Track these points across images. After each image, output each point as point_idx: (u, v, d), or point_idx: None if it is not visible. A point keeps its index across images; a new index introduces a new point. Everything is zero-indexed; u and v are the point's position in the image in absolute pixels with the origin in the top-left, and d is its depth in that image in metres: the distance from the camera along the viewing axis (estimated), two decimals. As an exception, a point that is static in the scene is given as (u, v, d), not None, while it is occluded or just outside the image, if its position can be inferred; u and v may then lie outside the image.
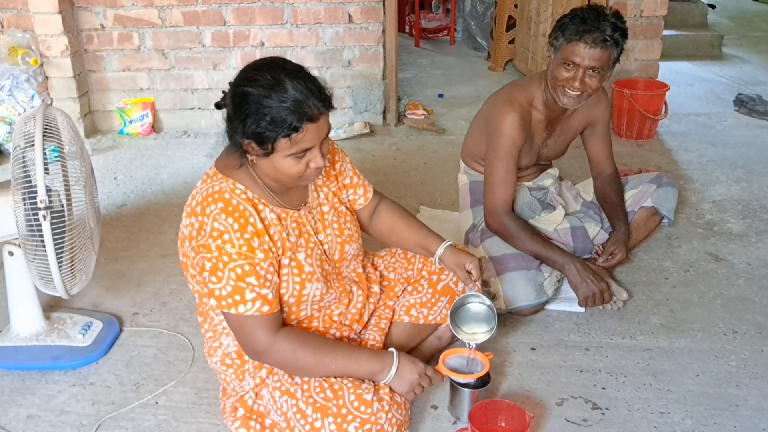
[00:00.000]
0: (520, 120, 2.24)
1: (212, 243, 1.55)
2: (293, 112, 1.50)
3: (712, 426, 1.84)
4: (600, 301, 2.22)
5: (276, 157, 1.55)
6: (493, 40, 5.36)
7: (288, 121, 1.50)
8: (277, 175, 1.61)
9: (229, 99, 1.57)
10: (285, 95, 1.50)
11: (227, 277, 1.55)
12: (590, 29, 2.08)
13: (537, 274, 2.23)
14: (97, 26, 3.84)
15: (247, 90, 1.52)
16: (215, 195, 1.59)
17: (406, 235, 1.98)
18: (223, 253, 1.55)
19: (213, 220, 1.56)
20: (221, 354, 1.77)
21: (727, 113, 4.33)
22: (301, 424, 1.61)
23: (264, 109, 1.50)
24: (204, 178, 1.67)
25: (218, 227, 1.56)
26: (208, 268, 1.56)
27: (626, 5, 3.94)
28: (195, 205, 1.61)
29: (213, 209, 1.57)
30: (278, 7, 3.83)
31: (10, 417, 1.89)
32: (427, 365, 1.73)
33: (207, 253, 1.56)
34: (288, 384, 1.66)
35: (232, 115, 1.56)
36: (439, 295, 2.02)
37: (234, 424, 1.74)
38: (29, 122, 1.82)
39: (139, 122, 3.97)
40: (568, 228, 2.41)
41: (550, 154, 2.47)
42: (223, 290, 1.56)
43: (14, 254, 1.98)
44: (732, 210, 3.06)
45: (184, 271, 1.72)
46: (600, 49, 2.09)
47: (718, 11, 7.07)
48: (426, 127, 4.03)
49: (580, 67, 2.12)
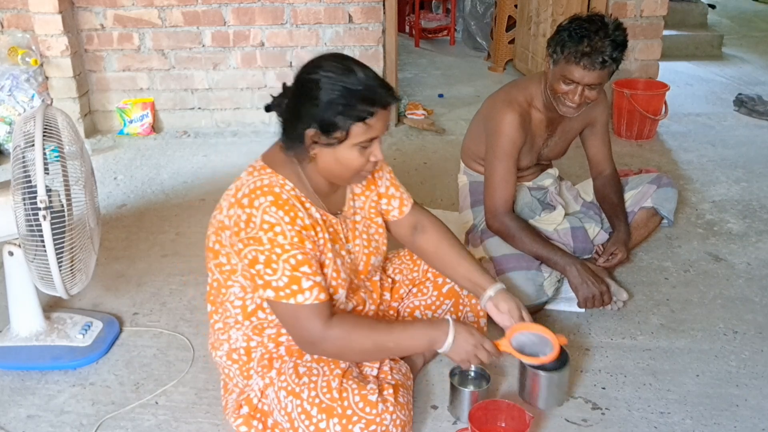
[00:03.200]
0: (520, 120, 2.24)
1: (263, 235, 1.55)
2: (367, 96, 1.51)
3: (712, 426, 1.84)
4: (600, 303, 2.21)
5: (343, 147, 1.56)
6: (493, 40, 5.36)
7: (363, 106, 1.51)
8: (336, 170, 1.61)
9: (295, 89, 1.58)
10: (357, 80, 1.52)
11: (282, 269, 1.55)
12: (587, 52, 2.04)
13: (537, 275, 2.23)
14: (97, 26, 3.84)
15: (317, 76, 1.52)
16: (264, 188, 1.59)
17: (454, 265, 1.89)
18: (275, 245, 1.54)
19: (263, 212, 1.56)
20: (227, 348, 1.77)
21: (727, 113, 4.33)
22: (306, 424, 1.60)
23: (338, 93, 1.50)
24: (250, 171, 1.66)
25: (269, 219, 1.55)
26: (262, 261, 1.55)
27: (626, 5, 3.94)
28: (241, 197, 1.60)
29: (263, 202, 1.57)
30: (278, 7, 3.83)
31: (10, 417, 1.89)
32: (485, 338, 1.70)
33: (259, 246, 1.55)
34: (294, 384, 1.66)
35: (298, 105, 1.56)
36: (444, 297, 2.03)
37: (236, 421, 1.74)
38: (29, 122, 1.82)
39: (139, 122, 3.97)
40: (569, 228, 2.41)
41: (551, 155, 2.47)
42: (280, 281, 1.56)
43: (14, 254, 1.98)
44: (732, 210, 3.06)
45: (209, 256, 1.71)
46: (599, 71, 2.07)
47: (718, 11, 7.06)
48: (426, 127, 4.03)
49: (580, 84, 2.11)
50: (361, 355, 1.66)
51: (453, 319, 1.70)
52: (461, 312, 2.07)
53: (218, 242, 1.67)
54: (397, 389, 1.70)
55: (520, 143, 2.26)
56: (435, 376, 2.02)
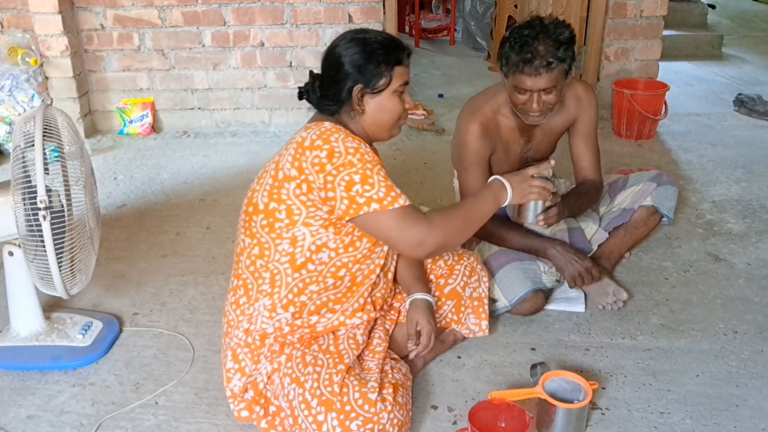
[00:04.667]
0: (481, 130, 2.22)
1: (353, 158, 1.64)
2: (393, 44, 1.75)
3: (712, 426, 1.84)
4: (589, 279, 2.22)
5: (386, 94, 1.74)
6: (493, 40, 5.36)
7: (395, 51, 1.73)
8: (383, 118, 1.77)
9: (328, 64, 1.76)
10: (376, 35, 1.75)
11: (378, 180, 1.65)
12: (529, 59, 2.01)
13: (531, 263, 2.25)
14: (97, 26, 3.84)
15: (342, 48, 1.74)
16: (332, 129, 1.69)
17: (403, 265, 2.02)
18: (366, 162, 1.65)
19: (342, 142, 1.66)
20: (244, 331, 1.77)
21: (727, 113, 4.33)
22: (305, 414, 1.63)
23: (371, 47, 1.71)
24: (306, 127, 1.75)
25: (351, 145, 1.66)
26: (358, 180, 1.64)
27: (626, 5, 3.94)
28: (312, 141, 1.67)
29: (338, 136, 1.67)
30: (278, 7, 3.83)
31: (10, 417, 1.89)
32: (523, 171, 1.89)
33: (351, 168, 1.64)
34: (299, 373, 1.69)
35: (338, 74, 1.73)
36: (446, 298, 2.04)
37: (239, 405, 1.76)
38: (29, 122, 1.82)
39: (139, 122, 3.97)
40: (565, 229, 2.41)
41: (538, 156, 2.44)
42: (380, 192, 1.64)
43: (14, 254, 1.98)
44: (732, 210, 3.06)
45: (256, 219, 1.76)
46: (546, 74, 2.04)
47: (718, 11, 7.06)
48: (426, 127, 4.03)
49: (533, 91, 2.08)
50: (459, 234, 1.78)
51: (501, 176, 1.86)
52: (462, 313, 2.08)
53: (274, 200, 1.72)
54: (397, 389, 1.72)
55: (484, 152, 2.25)
56: (435, 376, 2.02)
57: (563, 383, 1.84)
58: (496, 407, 1.76)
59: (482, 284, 2.10)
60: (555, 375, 1.85)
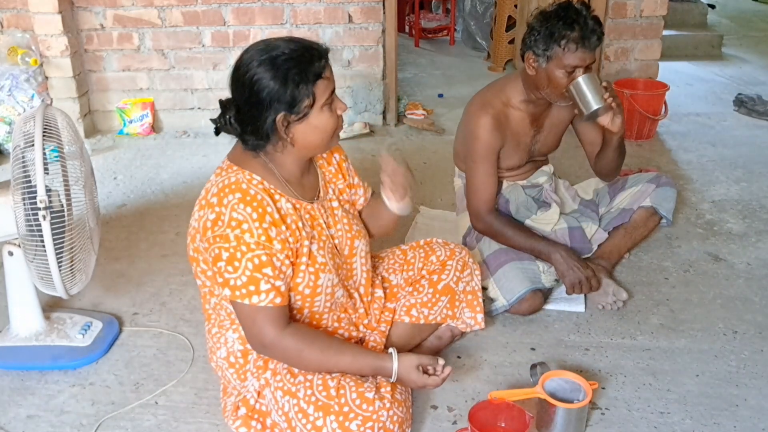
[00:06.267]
0: (494, 122, 2.24)
1: (231, 233, 1.55)
2: (306, 56, 1.54)
3: (712, 426, 1.84)
4: (587, 288, 2.23)
5: (314, 113, 1.57)
6: (493, 40, 5.36)
7: (311, 64, 1.54)
8: (316, 139, 1.62)
9: (240, 93, 1.59)
10: (287, 49, 1.54)
11: (244, 267, 1.56)
12: (586, 35, 2.09)
13: (530, 263, 2.26)
14: (97, 26, 3.84)
15: (252, 73, 1.55)
16: (232, 186, 1.59)
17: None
18: (241, 243, 1.55)
19: (231, 210, 1.56)
20: (225, 353, 1.77)
21: (726, 113, 4.32)
22: (303, 423, 1.60)
23: (285, 68, 1.53)
24: (218, 172, 1.67)
25: (237, 217, 1.56)
26: (224, 258, 1.56)
27: (626, 5, 3.94)
28: (210, 197, 1.60)
29: (231, 199, 1.57)
30: (278, 7, 3.83)
31: (10, 417, 1.89)
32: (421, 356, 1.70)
33: (225, 243, 1.56)
34: (290, 384, 1.66)
35: (253, 105, 1.56)
36: (440, 294, 2.02)
37: (235, 423, 1.74)
38: (29, 122, 1.82)
39: (138, 122, 3.97)
40: (566, 228, 2.41)
41: (544, 149, 2.46)
42: (239, 280, 1.57)
43: (14, 254, 1.98)
44: (732, 210, 3.06)
45: (193, 265, 1.71)
46: (596, 49, 2.14)
47: (718, 11, 7.06)
48: (426, 127, 4.03)
49: (581, 67, 2.13)
50: (307, 369, 1.67)
51: (396, 353, 1.68)
52: (457, 307, 2.06)
53: (196, 249, 1.67)
54: (395, 387, 1.70)
55: (496, 145, 2.27)
56: (435, 376, 2.02)
57: (563, 383, 1.84)
58: (496, 407, 1.76)
59: (475, 278, 2.08)
60: (555, 375, 1.85)
